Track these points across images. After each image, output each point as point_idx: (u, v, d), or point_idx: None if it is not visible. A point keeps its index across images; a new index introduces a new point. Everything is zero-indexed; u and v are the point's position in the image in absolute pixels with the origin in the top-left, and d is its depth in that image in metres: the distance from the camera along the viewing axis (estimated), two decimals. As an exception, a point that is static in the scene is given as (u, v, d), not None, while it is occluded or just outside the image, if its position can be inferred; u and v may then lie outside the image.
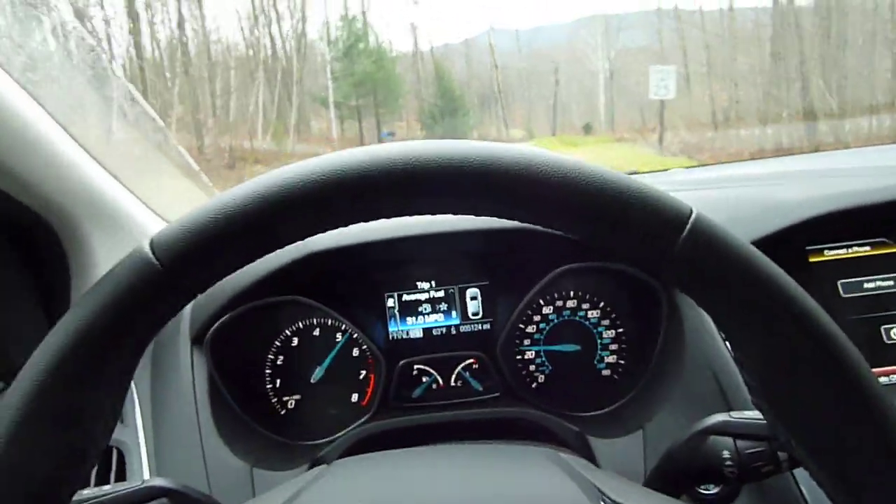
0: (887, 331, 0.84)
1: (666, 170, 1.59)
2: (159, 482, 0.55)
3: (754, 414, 0.55)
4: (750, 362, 0.39)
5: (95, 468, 0.81)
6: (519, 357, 0.99)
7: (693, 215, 0.37)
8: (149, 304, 0.37)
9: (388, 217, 0.39)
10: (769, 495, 0.74)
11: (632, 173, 1.59)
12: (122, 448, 0.85)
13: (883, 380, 0.82)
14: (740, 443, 0.55)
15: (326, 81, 24.14)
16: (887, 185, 0.86)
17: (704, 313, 0.46)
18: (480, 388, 1.00)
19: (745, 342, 0.39)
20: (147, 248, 0.37)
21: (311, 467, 0.86)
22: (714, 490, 0.77)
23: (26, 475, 0.36)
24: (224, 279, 0.40)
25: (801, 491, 0.69)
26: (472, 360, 0.99)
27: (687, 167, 1.70)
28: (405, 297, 1.00)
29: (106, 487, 0.54)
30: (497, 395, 0.99)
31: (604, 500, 0.44)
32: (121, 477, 0.83)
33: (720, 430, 0.56)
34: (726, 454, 0.55)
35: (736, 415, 0.56)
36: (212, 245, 0.37)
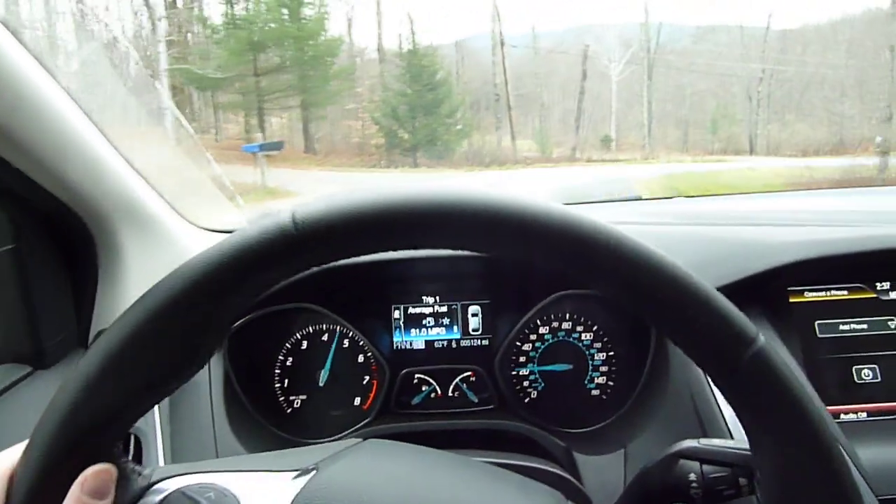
0: (858, 371, 0.90)
1: (670, 198, 1.65)
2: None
3: (721, 442, 0.61)
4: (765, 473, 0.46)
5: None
6: (514, 373, 1.06)
7: (757, 344, 0.41)
8: (274, 260, 0.42)
9: (480, 252, 0.44)
10: None
11: (636, 199, 1.65)
12: (139, 435, 0.92)
13: (851, 416, 0.88)
14: (706, 467, 0.60)
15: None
16: (868, 234, 0.92)
17: None
18: (476, 400, 1.06)
19: (768, 454, 0.44)
20: (288, 215, 0.42)
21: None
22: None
23: (132, 375, 0.42)
24: None
25: None
26: (470, 373, 1.06)
27: (689, 196, 1.76)
28: (411, 310, 1.07)
29: None
30: (492, 407, 1.05)
31: None
32: (137, 462, 0.90)
33: (689, 454, 0.62)
34: (693, 477, 0.60)
35: (704, 441, 0.62)
36: (342, 229, 0.42)
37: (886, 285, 0.93)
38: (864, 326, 0.92)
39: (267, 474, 0.50)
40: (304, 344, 1.06)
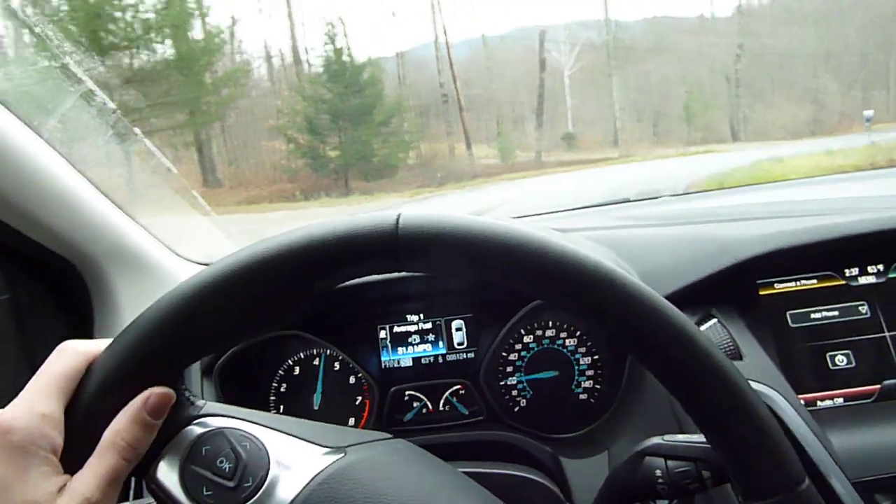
0: (832, 357, 0.91)
1: (656, 198, 1.68)
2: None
3: (684, 437, 0.63)
4: None
5: None
6: (502, 383, 1.08)
7: (802, 486, 0.44)
8: (369, 254, 0.46)
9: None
10: None
11: (624, 201, 1.67)
12: None
13: (828, 403, 0.90)
14: (671, 463, 0.62)
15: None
16: (833, 223, 0.94)
17: None
18: (467, 413, 1.08)
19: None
20: (394, 216, 0.46)
21: None
22: (667, 509, 0.85)
23: (224, 310, 0.46)
24: None
25: None
26: (458, 387, 1.08)
27: (674, 195, 1.78)
28: (396, 329, 1.10)
29: None
30: (482, 418, 1.07)
31: None
32: (139, 493, 0.93)
33: (653, 451, 0.64)
34: (658, 473, 0.62)
35: (668, 438, 0.64)
36: (440, 244, 0.45)
37: (855, 271, 0.95)
38: (836, 313, 0.94)
39: (302, 443, 0.53)
40: (297, 370, 1.09)
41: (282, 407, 1.08)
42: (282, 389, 1.09)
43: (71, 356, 0.47)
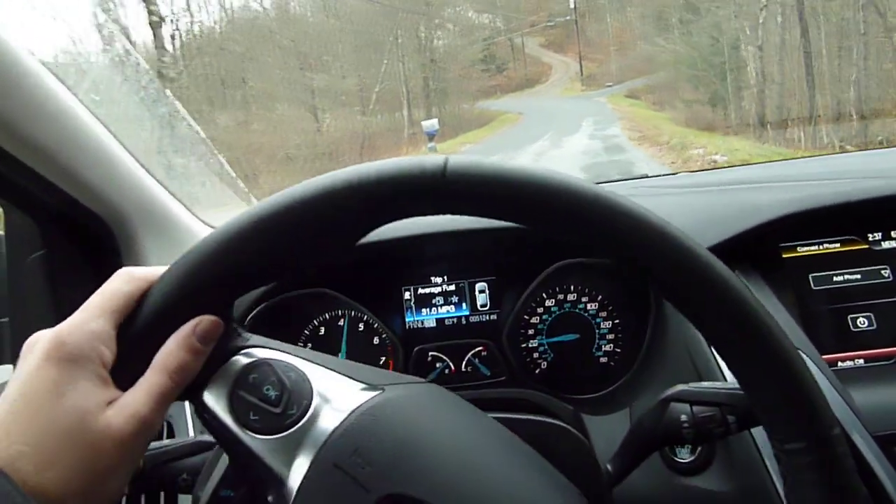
0: (853, 320, 0.92)
1: (675, 174, 1.68)
2: (206, 438, 0.67)
3: (709, 384, 0.64)
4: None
5: None
6: (524, 345, 1.10)
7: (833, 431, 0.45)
8: (417, 194, 0.46)
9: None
10: (737, 465, 0.83)
11: (642, 177, 1.68)
12: (170, 421, 0.98)
13: (848, 364, 0.91)
14: (696, 408, 0.64)
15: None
16: (856, 187, 0.95)
17: None
18: (488, 374, 1.10)
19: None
20: (442, 159, 0.46)
21: None
22: (689, 458, 0.87)
23: (277, 241, 0.47)
24: None
25: (764, 463, 0.78)
26: (480, 348, 1.10)
27: (693, 171, 1.78)
28: (420, 291, 1.11)
29: (165, 441, 0.66)
30: (503, 379, 1.09)
31: None
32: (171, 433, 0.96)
33: (679, 397, 0.65)
34: (684, 418, 0.64)
35: (693, 385, 0.65)
36: (483, 189, 0.46)
37: (878, 235, 0.96)
38: (858, 277, 0.94)
39: (343, 378, 0.54)
40: (322, 330, 1.11)
41: (307, 366, 1.11)
42: (307, 348, 1.11)
43: (126, 279, 0.48)
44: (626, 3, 37.62)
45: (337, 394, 0.52)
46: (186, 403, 0.99)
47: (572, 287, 1.09)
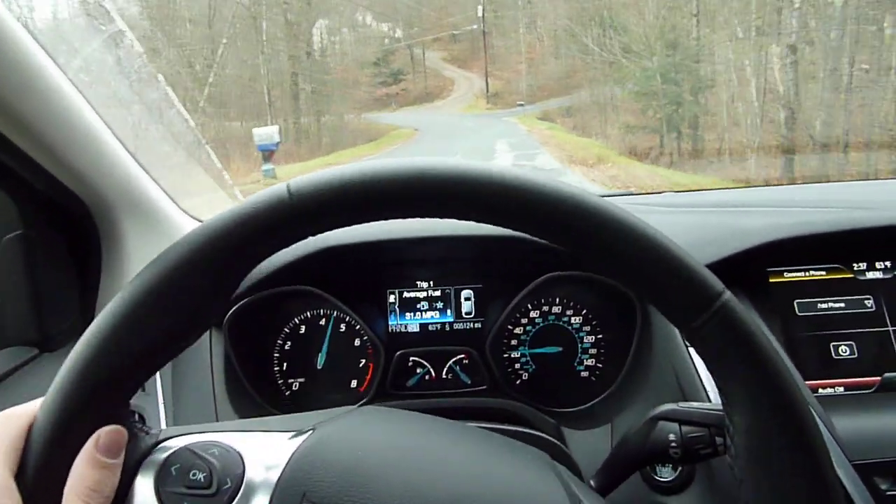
0: (835, 347, 0.93)
1: (660, 192, 1.69)
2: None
3: (698, 404, 0.64)
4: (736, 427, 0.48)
5: None
6: (506, 355, 1.09)
7: (723, 297, 0.45)
8: (272, 229, 0.46)
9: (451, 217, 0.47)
10: (716, 486, 0.83)
11: (627, 194, 1.68)
12: (142, 413, 0.95)
13: (829, 391, 0.92)
14: (684, 428, 0.64)
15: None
16: (845, 217, 0.96)
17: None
18: (469, 382, 1.09)
19: (737, 410, 0.47)
20: (284, 187, 0.45)
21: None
22: (670, 477, 0.87)
23: (144, 333, 0.45)
24: None
25: None
26: (462, 356, 1.09)
27: (678, 191, 1.79)
28: (405, 295, 1.10)
29: None
30: (484, 388, 1.08)
31: None
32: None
33: (668, 416, 0.65)
34: (672, 437, 0.63)
35: (683, 404, 0.65)
36: (332, 200, 0.45)
37: (864, 265, 0.97)
38: (842, 305, 0.95)
39: (268, 434, 0.53)
40: (303, 329, 1.09)
41: (285, 364, 1.09)
42: (286, 348, 1.09)
43: (6, 423, 0.45)
44: (536, 17, 35.61)
45: (267, 451, 0.50)
46: (160, 393, 0.97)
47: (558, 299, 1.09)
